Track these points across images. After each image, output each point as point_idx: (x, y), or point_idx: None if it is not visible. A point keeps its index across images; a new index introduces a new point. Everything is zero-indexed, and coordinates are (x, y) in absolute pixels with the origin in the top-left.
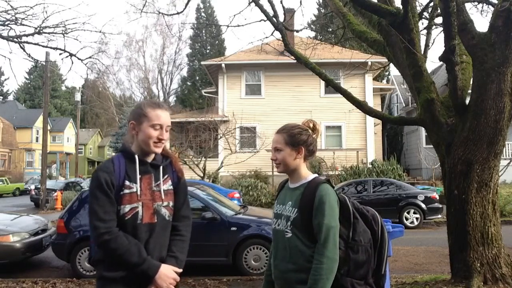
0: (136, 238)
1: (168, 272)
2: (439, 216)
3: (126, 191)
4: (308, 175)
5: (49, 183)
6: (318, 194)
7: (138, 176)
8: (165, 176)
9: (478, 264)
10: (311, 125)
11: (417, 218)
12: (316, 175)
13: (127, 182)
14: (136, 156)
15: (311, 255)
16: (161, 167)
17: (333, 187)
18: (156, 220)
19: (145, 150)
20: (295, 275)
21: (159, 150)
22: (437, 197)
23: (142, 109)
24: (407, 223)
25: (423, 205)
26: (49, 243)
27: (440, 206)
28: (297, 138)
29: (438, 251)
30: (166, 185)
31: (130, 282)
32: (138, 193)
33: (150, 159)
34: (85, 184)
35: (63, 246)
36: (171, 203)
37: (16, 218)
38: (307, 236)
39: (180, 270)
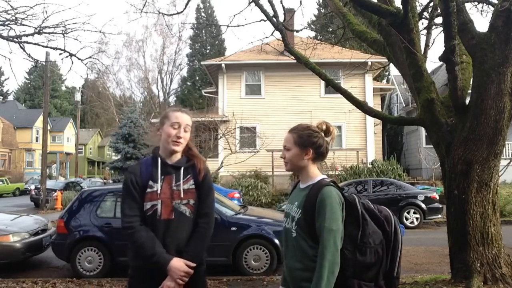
0: (155, 232)
1: (179, 266)
2: (439, 216)
3: (149, 190)
4: (315, 176)
5: (49, 183)
6: (320, 197)
7: (160, 177)
8: (188, 176)
9: (478, 264)
10: (324, 127)
11: (417, 218)
12: (323, 176)
13: (150, 182)
14: (159, 159)
15: (314, 255)
16: (182, 169)
17: (340, 189)
18: (174, 217)
19: (167, 150)
20: (301, 274)
21: (178, 148)
22: (437, 197)
23: (165, 112)
24: (407, 223)
25: (423, 205)
26: (49, 243)
27: (440, 206)
28: (306, 140)
29: (438, 251)
30: (187, 185)
31: (149, 271)
32: (158, 191)
33: (172, 161)
34: (85, 184)
35: (63, 246)
36: (191, 201)
37: (16, 218)
38: (310, 236)
39: (194, 264)
